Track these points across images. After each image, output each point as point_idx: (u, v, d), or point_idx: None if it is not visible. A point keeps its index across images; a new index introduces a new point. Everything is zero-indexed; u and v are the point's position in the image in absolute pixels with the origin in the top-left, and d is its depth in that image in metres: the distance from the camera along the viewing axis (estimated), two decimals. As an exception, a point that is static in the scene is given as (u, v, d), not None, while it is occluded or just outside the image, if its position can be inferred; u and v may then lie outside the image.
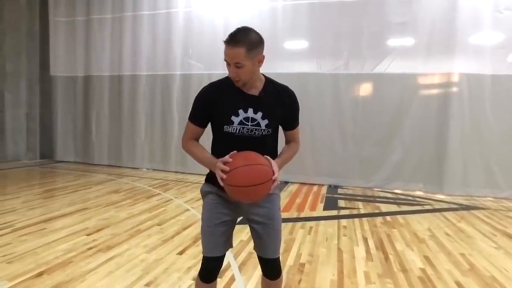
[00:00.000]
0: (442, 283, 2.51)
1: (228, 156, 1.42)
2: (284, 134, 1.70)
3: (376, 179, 6.10)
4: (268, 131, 1.54)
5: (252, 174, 1.37)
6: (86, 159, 8.06)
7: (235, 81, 1.49)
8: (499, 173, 5.60)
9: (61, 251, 2.86)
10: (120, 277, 2.45)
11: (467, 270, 2.76)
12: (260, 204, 1.58)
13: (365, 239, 3.44)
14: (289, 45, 6.55)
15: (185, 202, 4.69)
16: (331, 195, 5.54)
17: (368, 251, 3.11)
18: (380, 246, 3.23)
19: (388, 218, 4.25)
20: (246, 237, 3.21)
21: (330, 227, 3.80)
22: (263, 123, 1.52)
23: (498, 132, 5.60)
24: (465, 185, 5.68)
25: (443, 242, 3.40)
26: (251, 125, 1.51)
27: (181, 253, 2.92)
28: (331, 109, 6.26)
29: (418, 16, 5.83)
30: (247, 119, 1.50)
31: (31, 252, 2.82)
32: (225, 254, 1.60)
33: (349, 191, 5.89)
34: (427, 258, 2.97)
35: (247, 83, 1.49)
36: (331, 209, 4.66)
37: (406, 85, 5.95)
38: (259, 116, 1.51)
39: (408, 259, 2.94)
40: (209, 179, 1.62)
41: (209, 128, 1.63)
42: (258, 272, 2.30)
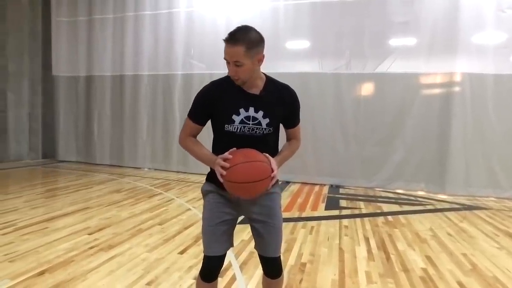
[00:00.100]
0: (444, 283, 2.50)
1: (227, 153, 1.42)
2: (285, 131, 1.70)
3: (377, 179, 6.09)
4: (269, 130, 1.54)
5: (252, 171, 1.39)
6: (88, 159, 8.08)
7: (234, 79, 1.49)
8: (501, 173, 5.58)
9: (62, 250, 2.87)
10: (121, 276, 2.45)
11: (469, 270, 2.75)
12: (261, 203, 1.59)
13: (366, 239, 3.43)
14: (290, 45, 6.55)
15: (187, 202, 4.69)
16: (332, 195, 5.53)
17: (369, 251, 3.10)
18: (382, 246, 3.22)
19: (390, 218, 4.24)
20: (247, 237, 3.20)
21: (332, 227, 3.79)
22: (264, 122, 1.52)
23: (500, 132, 5.58)
24: (467, 185, 5.65)
25: (445, 242, 3.38)
26: (252, 124, 1.51)
27: (182, 252, 2.92)
28: (333, 109, 6.25)
29: (420, 16, 5.81)
30: (248, 118, 1.50)
31: (33, 251, 2.83)
32: (226, 253, 1.60)
33: (350, 191, 5.88)
34: (428, 258, 2.96)
35: (246, 81, 1.49)
36: (332, 209, 4.65)
37: (408, 85, 5.93)
38: (260, 115, 1.51)
39: (409, 259, 2.93)
40: (210, 178, 1.62)
41: (210, 127, 1.63)
42: (259, 271, 2.30)
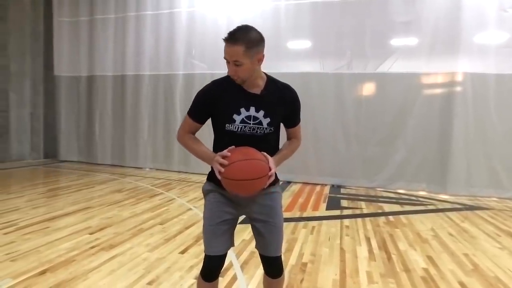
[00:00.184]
0: (445, 283, 2.50)
1: (226, 150, 1.43)
2: (285, 131, 1.70)
3: (379, 179, 6.08)
4: (270, 130, 1.54)
5: (249, 168, 1.40)
6: (89, 159, 8.10)
7: (234, 79, 1.49)
8: (503, 173, 5.56)
9: (64, 250, 2.87)
10: (122, 275, 2.46)
11: (470, 270, 2.74)
12: (262, 202, 1.59)
13: (367, 239, 3.42)
14: (292, 45, 6.54)
15: (188, 202, 4.70)
16: (334, 195, 5.52)
17: (370, 251, 3.10)
18: (383, 246, 3.22)
19: (391, 218, 4.23)
20: (248, 237, 3.20)
21: (333, 226, 3.79)
22: (265, 121, 1.52)
23: (502, 132, 5.56)
24: (469, 185, 5.64)
25: (446, 242, 3.38)
26: (253, 124, 1.51)
27: (183, 252, 2.92)
28: (334, 109, 6.24)
29: (422, 15, 5.80)
30: (249, 117, 1.50)
31: (35, 251, 2.84)
32: (227, 253, 1.60)
33: (352, 191, 5.87)
34: (430, 258, 2.96)
35: (246, 81, 1.49)
36: (333, 209, 4.65)
37: (409, 85, 5.92)
38: (261, 114, 1.51)
39: (411, 259, 2.92)
40: (211, 178, 1.62)
41: (211, 126, 1.63)
42: (260, 271, 2.30)
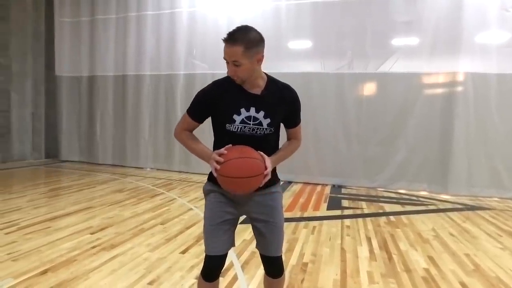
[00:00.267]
0: (446, 283, 2.49)
1: (223, 148, 1.44)
2: (286, 131, 1.70)
3: (380, 179, 6.07)
4: (270, 130, 1.54)
5: (244, 166, 1.41)
6: (90, 159, 8.11)
7: (233, 79, 1.49)
8: (504, 173, 5.55)
9: (65, 250, 2.88)
10: (123, 275, 2.46)
11: (471, 270, 2.74)
12: (262, 203, 1.59)
13: (368, 239, 3.42)
14: (292, 45, 6.54)
15: (189, 202, 4.70)
16: (334, 195, 5.52)
17: (371, 251, 3.10)
18: (384, 246, 3.22)
19: (392, 218, 4.23)
20: (249, 237, 3.21)
21: (334, 226, 3.79)
22: (265, 122, 1.52)
23: (503, 132, 5.55)
24: (470, 185, 5.63)
25: (447, 243, 3.37)
26: (253, 124, 1.51)
27: (184, 252, 2.93)
28: (335, 108, 6.24)
29: (423, 15, 5.79)
30: (249, 118, 1.51)
31: (36, 250, 2.84)
32: (227, 253, 1.60)
33: (352, 191, 5.87)
34: (431, 258, 2.95)
35: (246, 81, 1.50)
36: (334, 209, 4.64)
37: (410, 85, 5.91)
38: (261, 115, 1.51)
39: (412, 259, 2.92)
40: (211, 178, 1.62)
41: (210, 126, 1.63)
42: (261, 271, 2.30)
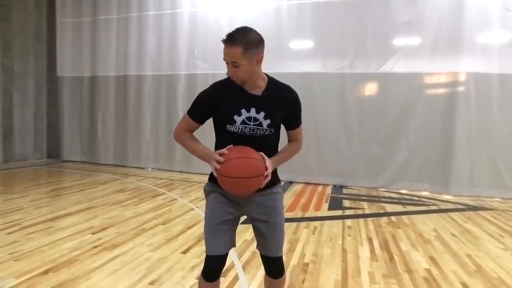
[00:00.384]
0: (448, 284, 2.49)
1: (225, 149, 1.45)
2: (286, 133, 1.70)
3: (381, 179, 6.06)
4: (270, 131, 1.55)
5: (244, 167, 1.41)
6: (92, 159, 8.13)
7: (233, 80, 1.49)
8: (506, 173, 5.54)
9: (66, 250, 2.89)
10: (124, 275, 2.47)
11: (473, 271, 2.73)
12: (263, 203, 1.59)
13: (369, 239, 3.42)
14: (294, 45, 6.53)
15: (190, 202, 4.71)
16: (336, 195, 5.51)
17: (372, 251, 3.09)
18: (385, 246, 3.21)
19: (393, 218, 4.22)
20: (250, 237, 3.20)
21: (335, 227, 3.78)
22: (265, 123, 1.52)
23: (505, 132, 5.53)
24: (471, 185, 5.61)
25: (449, 243, 3.36)
26: (253, 125, 1.51)
27: (185, 252, 2.93)
28: (336, 108, 6.23)
29: (425, 15, 5.77)
30: (249, 118, 1.51)
31: (38, 250, 2.85)
32: (228, 253, 1.60)
33: (354, 191, 5.86)
34: (432, 259, 2.95)
35: (245, 82, 1.50)
36: (335, 209, 4.64)
37: (412, 85, 5.90)
38: (261, 116, 1.52)
39: (413, 260, 2.91)
40: (212, 178, 1.62)
41: (212, 127, 1.63)
42: (262, 271, 2.30)
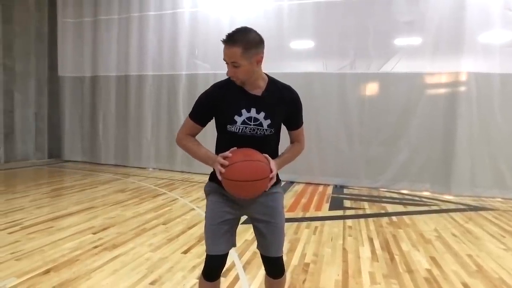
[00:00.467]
0: (449, 284, 2.48)
1: (228, 151, 1.44)
2: (288, 134, 1.69)
3: (382, 179, 6.05)
4: (271, 131, 1.55)
5: (249, 169, 1.40)
6: (93, 159, 8.14)
7: (233, 80, 1.49)
8: (508, 173, 5.52)
9: (67, 249, 2.89)
10: (125, 275, 2.47)
11: (474, 271, 2.72)
12: (263, 203, 1.59)
13: (370, 239, 3.41)
14: (294, 45, 6.53)
15: (191, 202, 4.71)
16: (336, 195, 5.51)
17: (373, 251, 3.09)
18: (386, 247, 3.21)
19: (394, 218, 4.21)
20: (250, 237, 3.20)
21: (336, 227, 3.78)
22: (266, 123, 1.52)
23: (506, 132, 5.52)
24: (473, 186, 5.60)
25: (450, 243, 3.36)
26: (253, 125, 1.51)
27: (186, 252, 2.93)
28: (337, 108, 6.23)
29: (426, 15, 5.77)
30: (249, 119, 1.51)
31: (39, 250, 2.86)
32: (228, 253, 1.60)
33: (355, 191, 5.86)
34: (433, 259, 2.94)
35: (245, 82, 1.50)
36: (336, 209, 4.63)
37: (413, 85, 5.89)
38: (261, 116, 1.52)
39: (414, 260, 2.91)
40: (212, 178, 1.62)
41: (213, 127, 1.63)
42: (263, 271, 2.29)
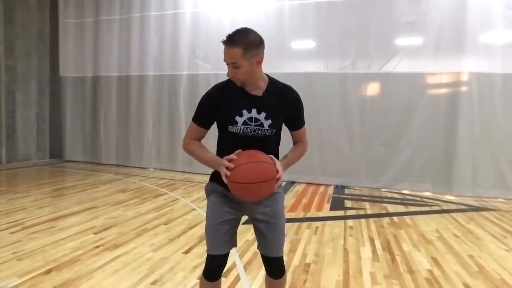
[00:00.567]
0: (450, 285, 2.48)
1: (233, 154, 1.44)
2: (290, 134, 1.70)
3: (383, 179, 6.04)
4: (272, 132, 1.55)
5: (256, 171, 1.38)
6: (94, 159, 8.16)
7: (233, 81, 1.50)
8: (509, 173, 5.51)
9: (69, 249, 2.90)
10: (126, 275, 2.47)
11: (475, 272, 2.72)
12: (264, 203, 1.59)
13: (371, 239, 3.41)
14: (296, 45, 6.53)
15: (192, 202, 4.71)
16: (337, 195, 5.51)
17: (374, 251, 3.09)
18: (387, 247, 3.20)
19: (395, 218, 4.21)
20: (251, 237, 3.20)
21: (337, 227, 3.78)
22: (266, 123, 1.52)
23: (508, 132, 5.50)
24: (474, 186, 5.59)
25: (451, 244, 3.35)
26: (254, 125, 1.52)
27: (187, 252, 2.93)
28: (338, 109, 6.22)
29: (427, 15, 5.76)
30: (250, 119, 1.51)
31: (40, 250, 2.87)
32: (229, 253, 1.61)
33: (356, 191, 5.85)
34: (434, 260, 2.94)
35: (246, 83, 1.50)
36: (337, 209, 4.63)
37: (414, 85, 5.88)
38: (262, 116, 1.52)
39: (415, 260, 2.91)
40: (213, 178, 1.63)
41: (214, 128, 1.63)
42: (263, 272, 2.29)
